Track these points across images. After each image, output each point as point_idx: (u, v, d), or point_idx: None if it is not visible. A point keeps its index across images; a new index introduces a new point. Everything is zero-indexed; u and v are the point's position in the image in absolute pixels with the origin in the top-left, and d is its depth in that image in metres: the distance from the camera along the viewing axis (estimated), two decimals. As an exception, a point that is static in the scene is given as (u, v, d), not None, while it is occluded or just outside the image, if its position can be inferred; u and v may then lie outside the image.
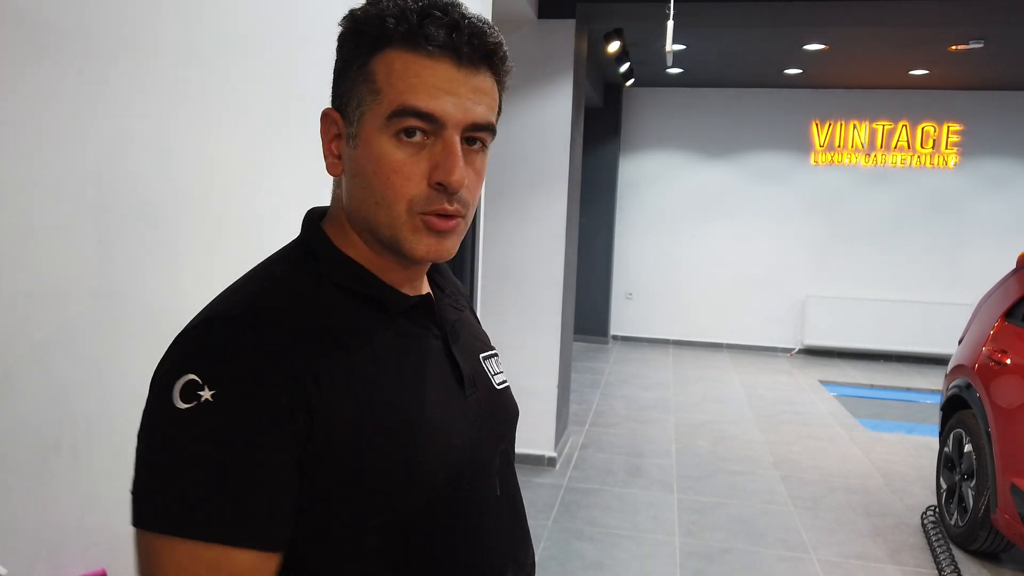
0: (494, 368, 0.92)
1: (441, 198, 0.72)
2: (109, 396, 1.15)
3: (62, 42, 1.02)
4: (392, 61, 0.71)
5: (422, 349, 0.80)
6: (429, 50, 0.70)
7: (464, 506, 0.79)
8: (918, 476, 4.71)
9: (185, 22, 1.28)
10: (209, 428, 0.64)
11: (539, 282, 4.59)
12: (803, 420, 5.92)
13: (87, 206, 1.08)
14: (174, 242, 1.29)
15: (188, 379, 0.65)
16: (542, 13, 4.41)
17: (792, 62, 7.23)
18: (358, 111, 0.73)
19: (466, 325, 0.92)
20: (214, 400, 0.64)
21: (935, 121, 8.33)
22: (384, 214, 0.73)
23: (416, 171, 0.72)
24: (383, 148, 0.72)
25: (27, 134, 0.97)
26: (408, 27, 0.70)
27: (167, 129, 1.25)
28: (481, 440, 0.83)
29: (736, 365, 8.00)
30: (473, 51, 0.72)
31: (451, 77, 0.71)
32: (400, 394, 0.75)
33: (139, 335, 1.21)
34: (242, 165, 1.49)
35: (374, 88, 0.72)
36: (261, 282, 0.75)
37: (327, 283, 0.76)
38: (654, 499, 4.18)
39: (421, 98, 0.70)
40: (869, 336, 8.48)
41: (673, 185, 8.92)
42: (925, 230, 8.42)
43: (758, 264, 8.76)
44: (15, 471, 0.99)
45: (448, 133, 0.72)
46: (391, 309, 0.79)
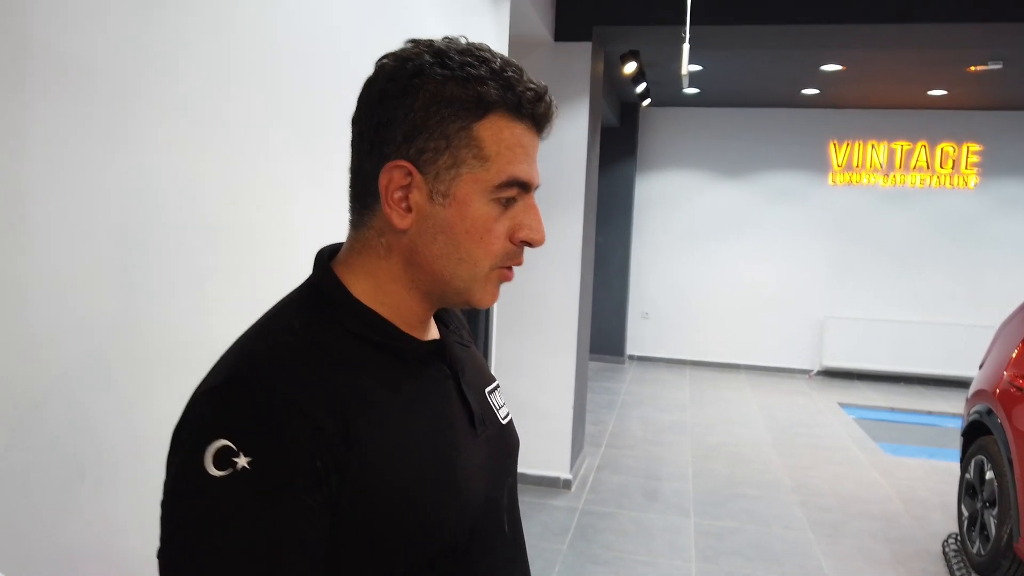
0: (498, 402, 0.92)
1: (519, 253, 0.78)
2: (134, 425, 1.16)
3: (90, 76, 1.04)
4: (500, 128, 0.73)
5: (437, 392, 0.80)
6: (522, 115, 0.74)
7: (477, 548, 0.79)
8: (940, 502, 4.63)
9: (208, 56, 1.30)
10: (245, 497, 0.62)
11: (555, 301, 4.58)
12: (822, 443, 5.85)
13: (113, 236, 1.10)
14: (197, 271, 1.30)
15: (221, 445, 0.62)
16: (559, 36, 4.44)
17: (809, 82, 7.23)
18: (453, 172, 0.73)
19: (471, 360, 0.91)
20: (251, 468, 0.62)
21: (954, 141, 8.28)
22: (467, 269, 0.76)
23: (502, 230, 0.76)
24: (482, 210, 0.74)
25: (56, 166, 0.99)
26: (514, 95, 0.73)
27: (191, 160, 1.27)
28: (493, 480, 0.84)
29: (753, 386, 7.93)
30: (548, 120, 0.77)
31: (535, 144, 0.77)
32: (422, 445, 0.75)
33: (163, 363, 1.22)
34: (264, 194, 1.51)
35: (481, 155, 0.73)
36: (282, 336, 0.73)
37: (343, 331, 0.75)
38: (670, 523, 4.14)
39: (524, 170, 0.75)
40: (889, 358, 8.39)
41: (690, 204, 8.90)
42: (945, 251, 8.35)
43: (776, 284, 8.71)
44: (40, 498, 1.00)
45: (531, 196, 0.77)
46: (408, 357, 0.78)
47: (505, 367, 4.55)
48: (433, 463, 0.75)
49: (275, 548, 0.62)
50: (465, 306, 0.80)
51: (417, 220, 0.75)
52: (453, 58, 0.72)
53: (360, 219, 0.78)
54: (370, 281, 0.78)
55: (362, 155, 0.77)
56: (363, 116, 0.77)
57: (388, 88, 0.74)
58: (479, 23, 3.05)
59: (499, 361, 4.39)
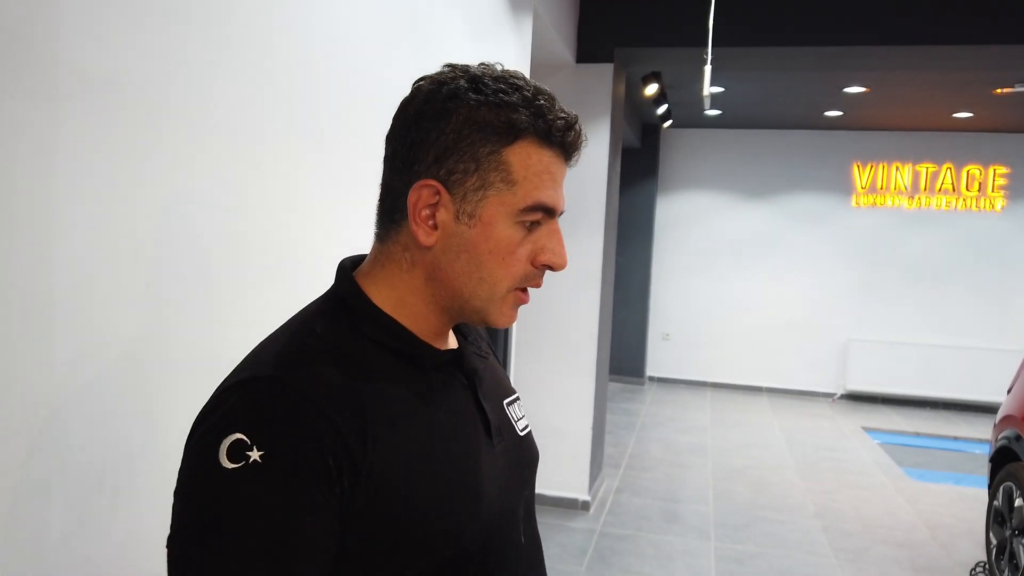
0: (517, 413, 0.93)
1: (539, 276, 0.80)
2: (154, 436, 1.18)
3: (117, 91, 1.06)
4: (529, 154, 0.76)
5: (454, 402, 0.81)
6: (551, 143, 0.76)
7: (492, 558, 0.79)
8: (967, 529, 4.54)
9: (234, 72, 1.33)
10: (256, 490, 0.63)
11: (575, 322, 4.58)
12: (845, 468, 5.76)
13: (137, 248, 1.12)
14: (219, 284, 1.32)
15: (235, 439, 0.64)
16: (580, 58, 4.47)
17: (832, 104, 7.21)
18: (481, 193, 0.75)
19: (490, 371, 0.92)
20: (263, 461, 0.63)
21: (980, 164, 8.20)
22: (486, 289, 0.78)
23: (524, 253, 0.78)
24: (506, 232, 0.76)
25: (83, 179, 1.01)
26: (544, 123, 0.75)
27: (214, 174, 1.29)
28: (509, 490, 0.84)
29: (776, 409, 7.85)
30: (575, 149, 0.79)
31: (562, 171, 0.79)
32: (438, 451, 0.76)
33: (183, 375, 1.24)
34: (284, 209, 1.53)
35: (509, 179, 0.75)
36: (303, 338, 0.75)
37: (363, 338, 0.77)
38: (690, 547, 4.09)
39: (550, 196, 0.77)
40: (914, 382, 8.27)
41: (711, 226, 8.88)
42: (971, 274, 8.24)
43: (798, 307, 8.64)
44: (60, 508, 1.01)
45: (554, 221, 0.79)
46: (426, 365, 0.80)
47: (524, 387, 4.55)
48: (448, 470, 0.75)
49: (280, 541, 0.63)
50: (482, 324, 0.82)
51: (442, 238, 0.77)
52: (488, 84, 0.75)
53: (386, 233, 0.81)
54: (391, 292, 0.80)
55: (394, 172, 0.79)
56: (397, 135, 0.79)
57: (424, 110, 0.76)
58: (501, 45, 3.08)
59: (518, 381, 4.39)
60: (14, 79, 0.90)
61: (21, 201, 0.92)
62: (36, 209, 0.94)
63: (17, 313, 0.93)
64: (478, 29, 2.76)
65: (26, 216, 0.93)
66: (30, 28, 0.92)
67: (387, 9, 1.95)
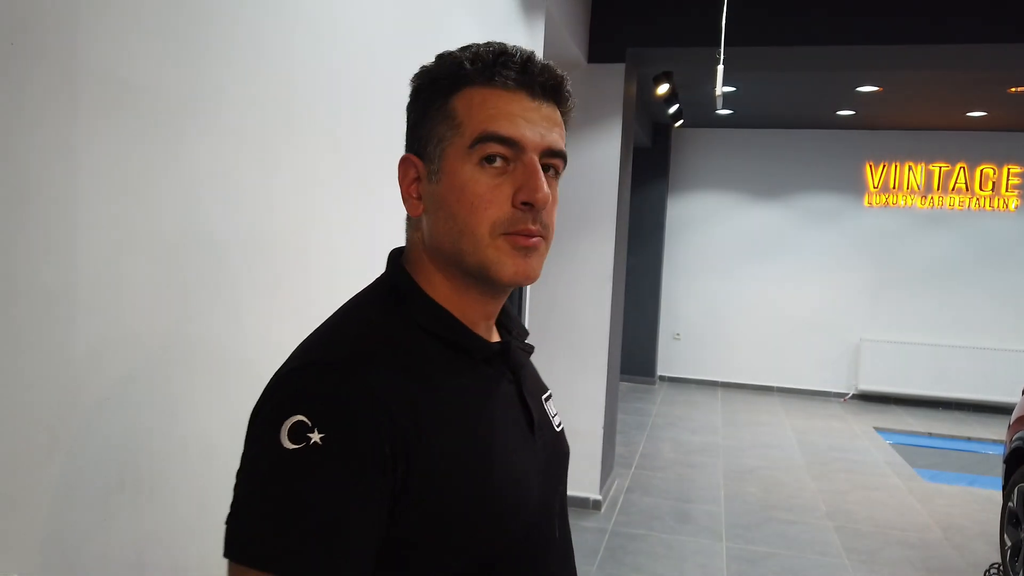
0: (552, 410, 0.94)
1: (526, 218, 0.75)
2: (174, 435, 1.19)
3: (139, 96, 1.08)
4: (472, 96, 0.76)
5: (500, 394, 0.82)
6: (506, 84, 0.76)
7: (532, 551, 0.80)
8: (980, 531, 4.52)
9: (252, 76, 1.34)
10: (315, 470, 0.65)
11: (586, 322, 4.58)
12: (857, 468, 5.74)
13: (158, 251, 1.14)
14: (238, 286, 1.34)
15: (297, 420, 0.65)
16: (592, 58, 4.48)
17: (845, 103, 7.18)
18: (439, 148, 0.77)
19: (530, 367, 0.93)
20: (323, 443, 0.65)
21: (994, 163, 8.15)
22: (468, 241, 0.76)
23: (499, 195, 0.75)
24: (466, 176, 0.75)
25: (105, 182, 1.03)
26: (484, 66, 0.76)
27: (232, 176, 1.31)
28: (547, 485, 0.85)
29: (787, 409, 7.82)
30: (543, 85, 0.78)
31: (526, 107, 0.76)
32: (487, 443, 0.76)
33: (203, 376, 1.26)
34: (302, 210, 1.54)
35: (455, 124, 0.76)
36: (359, 327, 0.77)
37: (414, 327, 0.78)
38: (702, 547, 4.09)
39: (502, 124, 0.75)
40: (926, 382, 8.23)
41: (722, 226, 8.86)
42: (985, 274, 8.19)
43: (810, 306, 8.61)
44: (79, 508, 1.03)
45: (528, 156, 0.75)
46: (475, 356, 0.80)
47: (536, 386, 4.54)
48: (496, 462, 0.76)
49: (335, 522, 0.64)
50: (493, 284, 0.78)
51: (426, 205, 0.79)
52: (447, 53, 0.79)
53: (407, 220, 0.84)
54: (427, 276, 0.81)
55: None
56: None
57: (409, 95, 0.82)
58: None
59: (530, 380, 4.39)
60: (37, 83, 0.92)
61: (44, 202, 0.94)
62: (58, 210, 0.96)
63: (39, 312, 0.94)
64: (490, 30, 2.77)
65: (49, 216, 0.95)
66: (51, 33, 0.94)
67: (400, 11, 1.96)
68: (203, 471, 1.27)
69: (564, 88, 0.80)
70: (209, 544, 1.31)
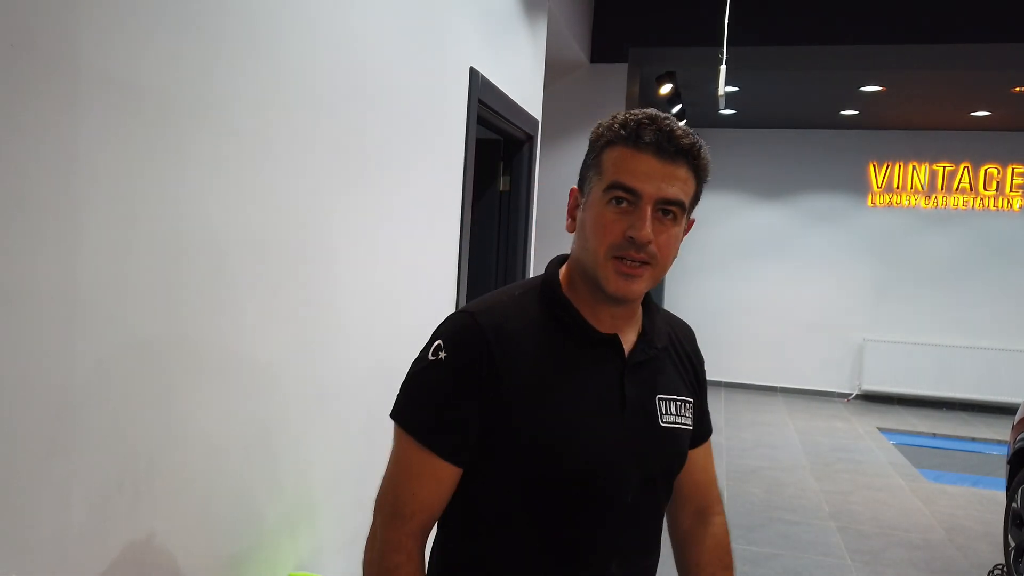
0: (667, 409, 1.11)
1: (628, 247, 0.98)
2: (173, 437, 1.19)
3: (138, 97, 1.08)
4: (614, 154, 1.01)
5: (597, 372, 1.05)
6: (639, 147, 0.99)
7: (589, 496, 1.02)
8: (984, 532, 4.50)
9: (253, 78, 1.34)
10: (439, 374, 1.01)
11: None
12: (861, 469, 5.73)
13: (158, 252, 1.14)
14: (238, 287, 1.34)
15: (438, 343, 1.02)
16: (595, 58, 4.47)
17: (848, 103, 7.16)
18: (588, 186, 1.04)
19: (658, 365, 1.12)
20: (445, 359, 1.01)
21: (999, 163, 8.13)
22: (591, 255, 1.01)
23: (617, 228, 0.99)
24: (598, 209, 1.01)
25: (104, 183, 1.03)
26: (628, 131, 1.00)
27: (234, 179, 1.31)
28: (625, 455, 1.04)
29: (790, 410, 7.81)
30: (671, 148, 0.99)
31: (652, 165, 0.98)
32: (560, 395, 1.02)
33: (203, 377, 1.26)
34: (301, 211, 1.54)
35: (600, 171, 1.02)
36: (504, 295, 1.09)
37: (544, 308, 1.06)
38: (704, 547, 4.08)
39: (627, 177, 0.98)
40: (930, 383, 8.21)
41: (726, 226, 8.84)
42: (989, 274, 8.17)
43: (813, 307, 8.59)
44: (78, 508, 1.03)
45: (644, 204, 0.98)
46: (582, 338, 1.05)
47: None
48: (564, 410, 1.01)
49: (440, 404, 1.01)
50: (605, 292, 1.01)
51: (576, 226, 1.07)
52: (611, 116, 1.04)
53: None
54: (570, 279, 1.08)
55: None
56: None
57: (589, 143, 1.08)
58: (516, 46, 3.09)
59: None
60: (38, 85, 0.92)
61: (44, 203, 0.94)
62: (59, 211, 0.96)
63: (40, 312, 0.94)
64: (493, 31, 2.77)
65: (49, 217, 0.95)
66: (52, 35, 0.94)
67: (403, 12, 1.96)
68: (203, 471, 1.27)
69: (693, 151, 1.01)
70: (209, 544, 1.31)
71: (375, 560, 1.00)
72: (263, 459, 1.46)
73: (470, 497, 1.04)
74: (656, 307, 1.16)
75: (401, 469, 1.03)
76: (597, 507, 1.03)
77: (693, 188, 1.03)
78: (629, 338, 1.09)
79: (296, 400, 1.57)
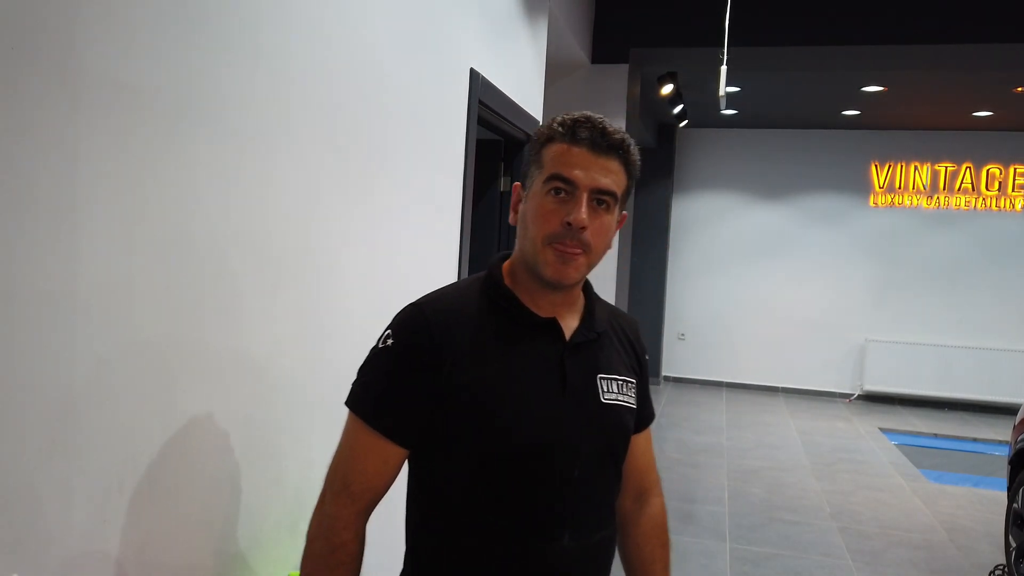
0: (608, 387, 1.18)
1: (566, 235, 1.06)
2: (172, 437, 1.20)
3: (139, 99, 1.09)
4: (552, 149, 1.10)
5: (538, 355, 1.12)
6: (576, 142, 1.08)
7: (537, 470, 1.09)
8: (985, 532, 4.50)
9: (253, 81, 1.35)
10: (386, 359, 1.09)
11: (590, 323, 4.57)
12: (862, 469, 5.73)
13: (158, 253, 1.14)
14: (238, 285, 1.34)
15: (387, 332, 1.11)
16: (596, 59, 4.48)
17: (850, 103, 7.16)
18: (529, 180, 1.13)
19: (598, 347, 1.19)
20: (391, 346, 1.09)
21: (1001, 163, 8.12)
22: (530, 244, 1.10)
23: (555, 216, 1.07)
24: (538, 200, 1.09)
25: (105, 183, 1.03)
26: (565, 129, 1.09)
27: (232, 178, 1.31)
28: (569, 431, 1.11)
29: (792, 410, 7.81)
30: (604, 143, 1.08)
31: (586, 158, 1.08)
32: (503, 376, 1.09)
33: (202, 378, 1.26)
34: (302, 211, 1.55)
35: (540, 165, 1.11)
36: (451, 288, 1.19)
37: (485, 297, 1.14)
38: (705, 548, 4.09)
39: (565, 169, 1.07)
40: (932, 383, 8.20)
41: (727, 226, 8.84)
42: (991, 274, 8.16)
43: (815, 307, 8.59)
44: (79, 508, 1.03)
45: (579, 192, 1.07)
46: (522, 323, 1.13)
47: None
48: (509, 388, 1.09)
49: (388, 390, 1.09)
50: (543, 277, 1.09)
51: (519, 219, 1.14)
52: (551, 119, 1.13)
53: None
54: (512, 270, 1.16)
55: None
56: None
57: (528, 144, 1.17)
58: (517, 47, 3.09)
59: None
60: (37, 86, 0.92)
61: (46, 204, 0.94)
62: (60, 212, 0.97)
63: (40, 312, 0.95)
64: (493, 31, 2.77)
65: (50, 218, 0.95)
66: (50, 37, 0.94)
67: (403, 13, 1.96)
68: (204, 471, 1.28)
69: (623, 147, 1.10)
70: (210, 543, 1.32)
71: (322, 534, 1.07)
72: (264, 459, 1.46)
73: (429, 479, 1.12)
74: (598, 297, 1.24)
75: (351, 450, 1.09)
76: (546, 481, 1.10)
77: (624, 182, 1.12)
78: (570, 323, 1.16)
79: (297, 400, 1.57)
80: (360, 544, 1.09)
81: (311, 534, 1.08)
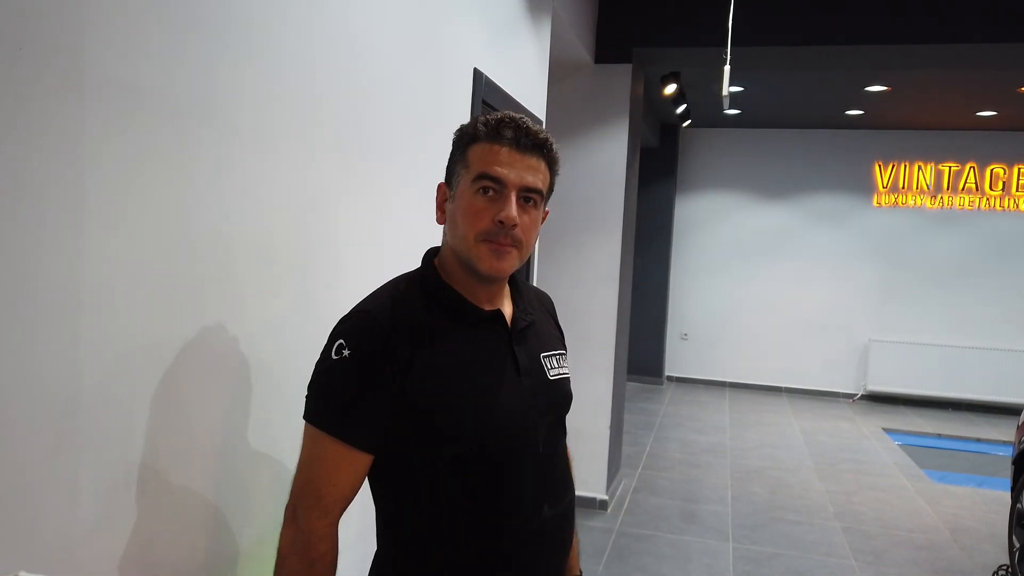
0: (551, 364, 1.26)
1: (499, 231, 1.11)
2: (178, 434, 1.20)
3: (145, 100, 1.09)
4: (478, 149, 1.13)
5: (489, 346, 1.17)
6: (500, 141, 1.12)
7: (511, 456, 1.14)
8: (989, 532, 4.50)
9: (258, 81, 1.35)
10: (342, 371, 1.08)
11: (593, 322, 4.58)
12: (865, 469, 5.72)
13: (161, 252, 1.15)
14: (241, 284, 1.35)
15: (340, 342, 1.09)
16: (599, 58, 4.48)
17: (853, 103, 7.15)
18: (456, 179, 1.15)
19: (536, 329, 1.27)
20: (349, 356, 1.08)
21: (1005, 163, 8.11)
22: (461, 242, 1.13)
23: (486, 215, 1.11)
24: (467, 199, 1.13)
25: (111, 184, 1.04)
26: (489, 129, 1.13)
27: (236, 178, 1.32)
28: (530, 411, 1.18)
29: (795, 410, 7.80)
30: (528, 142, 1.13)
31: (512, 157, 1.12)
32: (464, 373, 1.13)
33: (207, 376, 1.27)
34: (305, 210, 1.55)
35: (467, 165, 1.14)
36: (390, 292, 1.17)
37: (430, 297, 1.16)
38: (708, 547, 4.09)
39: (492, 168, 1.11)
40: (936, 383, 8.19)
41: (730, 226, 8.84)
42: (995, 274, 8.15)
43: (819, 306, 8.58)
44: (83, 506, 1.04)
45: (508, 191, 1.11)
46: (469, 319, 1.17)
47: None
48: (471, 385, 1.13)
49: (350, 400, 1.08)
50: (479, 273, 1.14)
51: (447, 217, 1.18)
52: (474, 118, 1.16)
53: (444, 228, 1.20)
54: (445, 267, 1.19)
55: None
56: None
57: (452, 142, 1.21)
58: (520, 47, 3.10)
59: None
60: (44, 87, 0.93)
61: (50, 204, 0.95)
62: (63, 211, 0.97)
63: (44, 311, 0.95)
64: (497, 31, 2.77)
65: (54, 217, 0.96)
66: (58, 38, 0.95)
67: (406, 13, 1.97)
68: (207, 469, 1.28)
69: (546, 146, 1.15)
70: (213, 542, 1.32)
71: (296, 551, 1.07)
72: (268, 458, 1.47)
73: (400, 480, 1.14)
74: (521, 280, 1.29)
75: (320, 463, 1.09)
76: (519, 463, 1.15)
77: (548, 179, 1.17)
78: (507, 311, 1.22)
79: (301, 400, 1.57)
80: (336, 552, 1.10)
81: (284, 552, 1.08)
